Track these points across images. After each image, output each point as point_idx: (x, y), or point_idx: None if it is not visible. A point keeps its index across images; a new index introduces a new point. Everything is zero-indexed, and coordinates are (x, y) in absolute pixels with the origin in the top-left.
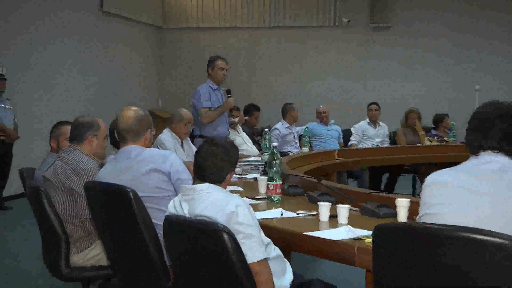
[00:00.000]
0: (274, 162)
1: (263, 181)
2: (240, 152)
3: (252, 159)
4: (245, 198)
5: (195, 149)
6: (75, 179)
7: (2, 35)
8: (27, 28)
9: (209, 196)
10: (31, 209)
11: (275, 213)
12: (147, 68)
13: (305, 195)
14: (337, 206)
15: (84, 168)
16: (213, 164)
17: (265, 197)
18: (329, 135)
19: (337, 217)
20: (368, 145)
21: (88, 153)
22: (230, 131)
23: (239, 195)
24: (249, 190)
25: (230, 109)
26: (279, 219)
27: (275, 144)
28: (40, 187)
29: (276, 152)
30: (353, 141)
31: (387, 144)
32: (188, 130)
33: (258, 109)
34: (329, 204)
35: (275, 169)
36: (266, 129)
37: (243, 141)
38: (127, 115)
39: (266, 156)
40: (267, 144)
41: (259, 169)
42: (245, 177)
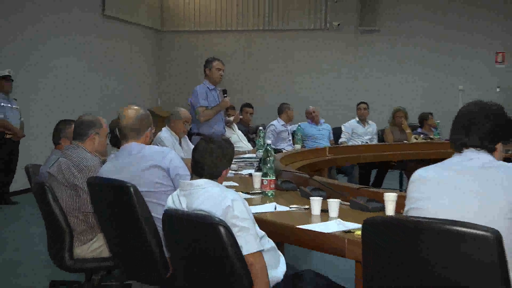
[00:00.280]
0: (268, 158)
1: (257, 176)
2: (235, 149)
3: (247, 155)
4: (240, 193)
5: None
6: (78, 175)
7: (8, 39)
8: (32, 30)
9: (206, 191)
10: (37, 204)
11: (269, 207)
12: (146, 68)
13: (298, 190)
14: (328, 200)
15: (87, 164)
16: (210, 160)
17: (260, 192)
18: (320, 134)
19: (328, 211)
20: (357, 142)
21: (90, 150)
22: (226, 129)
23: (235, 190)
24: (244, 185)
25: (226, 108)
26: (273, 213)
27: (269, 141)
28: (45, 183)
29: (270, 149)
30: (343, 138)
31: (375, 141)
32: (186, 128)
33: (248, 105)
34: (321, 198)
35: (269, 165)
36: (260, 127)
37: (238, 138)
38: (128, 114)
39: (260, 153)
40: (262, 141)
41: (254, 165)
42: (240, 173)
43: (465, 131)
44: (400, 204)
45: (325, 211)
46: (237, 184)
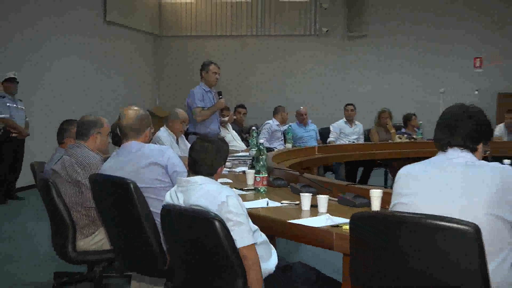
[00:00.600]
0: (260, 157)
1: (250, 174)
2: (230, 147)
3: (240, 154)
4: (234, 189)
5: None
6: (81, 172)
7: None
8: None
9: (202, 187)
10: (41, 199)
11: (261, 203)
12: (145, 71)
13: (289, 186)
14: (318, 196)
15: (89, 162)
16: (205, 158)
17: (253, 188)
18: (308, 135)
19: (317, 207)
20: (345, 142)
21: (92, 149)
22: (220, 129)
23: (229, 186)
24: (238, 182)
25: (221, 109)
26: (265, 208)
27: (262, 140)
28: (49, 179)
29: (262, 148)
30: (331, 138)
31: (361, 141)
32: (183, 128)
33: (242, 106)
34: (310, 194)
35: (261, 163)
36: (253, 127)
37: (232, 138)
38: (129, 114)
39: (253, 151)
40: (255, 141)
41: (247, 163)
42: (234, 170)
43: (449, 132)
44: (385, 200)
45: (314, 206)
46: (231, 181)
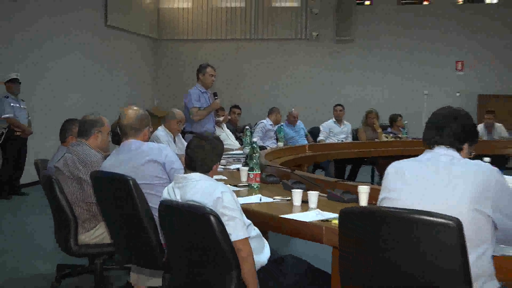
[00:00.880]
0: (254, 155)
1: (244, 171)
2: (224, 146)
3: (235, 152)
4: (229, 185)
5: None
6: (82, 169)
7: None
8: (42, 39)
9: (198, 183)
10: (45, 195)
11: (254, 199)
12: (144, 73)
13: (281, 183)
14: (308, 192)
15: (90, 159)
16: (201, 156)
17: (246, 185)
18: (297, 135)
19: (308, 202)
20: (334, 140)
21: (93, 147)
22: (216, 128)
23: (224, 183)
24: (232, 178)
25: (216, 109)
26: (258, 203)
27: (255, 139)
28: (52, 176)
29: (255, 146)
30: (321, 137)
31: (350, 139)
32: (180, 127)
33: (236, 107)
34: (301, 191)
35: (254, 160)
36: (247, 127)
37: (227, 136)
38: (129, 114)
39: (247, 149)
40: (248, 139)
41: (241, 161)
42: (229, 167)
43: (437, 131)
44: (372, 196)
45: (305, 202)
46: (226, 177)
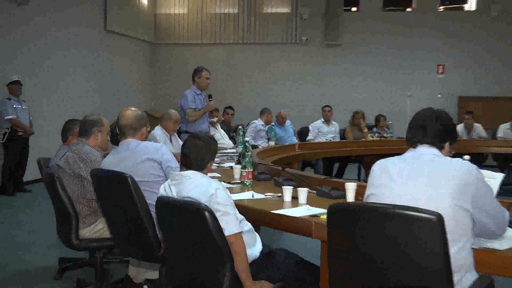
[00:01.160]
0: (246, 153)
1: (237, 169)
2: (218, 145)
3: (228, 151)
4: (222, 182)
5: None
6: (83, 167)
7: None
8: (43, 41)
9: (193, 181)
10: (47, 192)
11: (247, 195)
12: (142, 76)
13: (272, 180)
14: (298, 189)
15: (90, 158)
16: (196, 154)
17: (239, 182)
18: (286, 135)
19: (298, 198)
20: (322, 140)
21: (93, 146)
22: (210, 128)
23: (218, 180)
24: (226, 176)
25: (211, 110)
26: (250, 200)
27: (247, 138)
28: (54, 174)
29: (248, 145)
30: (310, 136)
31: (337, 139)
32: (176, 127)
33: (229, 108)
34: (292, 187)
35: (247, 159)
36: (240, 127)
37: (221, 136)
38: (127, 114)
39: (240, 148)
40: (241, 139)
41: (234, 159)
42: (222, 165)
43: (420, 131)
44: (359, 192)
45: (295, 198)
46: (220, 175)
